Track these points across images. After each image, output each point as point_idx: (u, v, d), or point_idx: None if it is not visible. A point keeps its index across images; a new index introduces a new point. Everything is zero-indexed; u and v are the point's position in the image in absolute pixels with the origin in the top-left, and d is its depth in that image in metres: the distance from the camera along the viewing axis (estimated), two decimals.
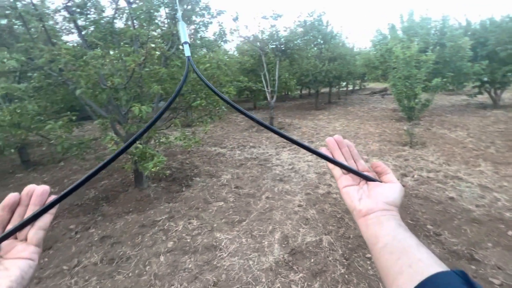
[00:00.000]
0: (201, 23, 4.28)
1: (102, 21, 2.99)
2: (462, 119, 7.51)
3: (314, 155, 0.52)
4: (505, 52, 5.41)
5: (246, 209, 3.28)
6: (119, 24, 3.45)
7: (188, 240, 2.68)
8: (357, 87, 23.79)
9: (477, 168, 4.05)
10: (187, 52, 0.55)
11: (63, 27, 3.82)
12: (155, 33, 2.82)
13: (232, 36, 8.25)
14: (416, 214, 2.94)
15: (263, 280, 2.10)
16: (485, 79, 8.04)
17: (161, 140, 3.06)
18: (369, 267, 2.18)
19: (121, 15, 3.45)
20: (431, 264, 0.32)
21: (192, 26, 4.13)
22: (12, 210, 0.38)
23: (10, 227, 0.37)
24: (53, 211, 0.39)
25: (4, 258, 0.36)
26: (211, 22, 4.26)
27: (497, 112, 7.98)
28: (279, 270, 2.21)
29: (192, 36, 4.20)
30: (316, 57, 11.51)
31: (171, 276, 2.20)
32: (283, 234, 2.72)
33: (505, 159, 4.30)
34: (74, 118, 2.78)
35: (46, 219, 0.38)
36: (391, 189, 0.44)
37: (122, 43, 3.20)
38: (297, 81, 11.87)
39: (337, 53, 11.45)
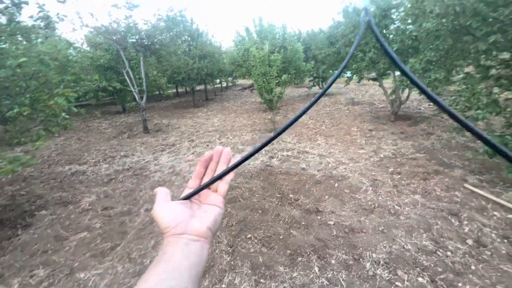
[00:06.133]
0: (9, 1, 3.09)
1: None
2: None
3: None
4: (321, 55, 7.55)
5: (120, 231, 2.80)
6: None
7: None
8: (230, 84, 25.64)
9: (316, 142, 5.40)
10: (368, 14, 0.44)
11: None
12: None
13: (73, 26, 6.64)
14: (282, 188, 3.56)
15: None
16: (315, 74, 10.82)
17: None
18: (250, 246, 2.43)
19: None
20: None
21: None
22: (206, 165, 0.48)
23: (205, 179, 0.47)
24: (235, 170, 0.45)
25: (202, 203, 0.46)
26: (26, 2, 3.18)
27: (324, 99, 10.97)
28: None
29: None
30: (185, 54, 11.33)
31: None
32: None
33: (331, 133, 5.99)
34: None
35: (231, 175, 0.46)
36: None
37: None
38: (169, 79, 11.26)
39: (206, 51, 11.75)
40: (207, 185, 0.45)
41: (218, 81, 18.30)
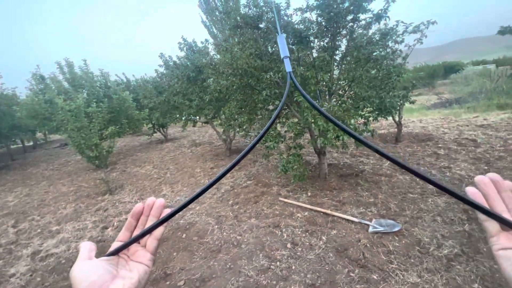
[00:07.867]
0: None
1: None
2: (148, 155, 9.14)
3: None
4: (150, 104, 7.57)
5: None
6: None
7: None
8: (41, 141, 19.36)
9: (161, 193, 5.05)
10: (288, 67, 0.54)
11: None
12: None
13: None
14: None
15: None
16: (153, 122, 10.54)
17: None
18: None
19: None
20: None
21: None
22: (138, 218, 0.46)
23: (136, 232, 0.46)
24: (165, 224, 0.44)
25: (130, 259, 0.43)
26: None
27: (168, 144, 10.85)
28: None
29: None
30: None
31: None
32: None
33: (176, 179, 5.87)
34: None
35: (160, 230, 0.45)
36: None
37: None
38: None
39: None
40: (133, 242, 0.43)
41: (16, 139, 13.18)
